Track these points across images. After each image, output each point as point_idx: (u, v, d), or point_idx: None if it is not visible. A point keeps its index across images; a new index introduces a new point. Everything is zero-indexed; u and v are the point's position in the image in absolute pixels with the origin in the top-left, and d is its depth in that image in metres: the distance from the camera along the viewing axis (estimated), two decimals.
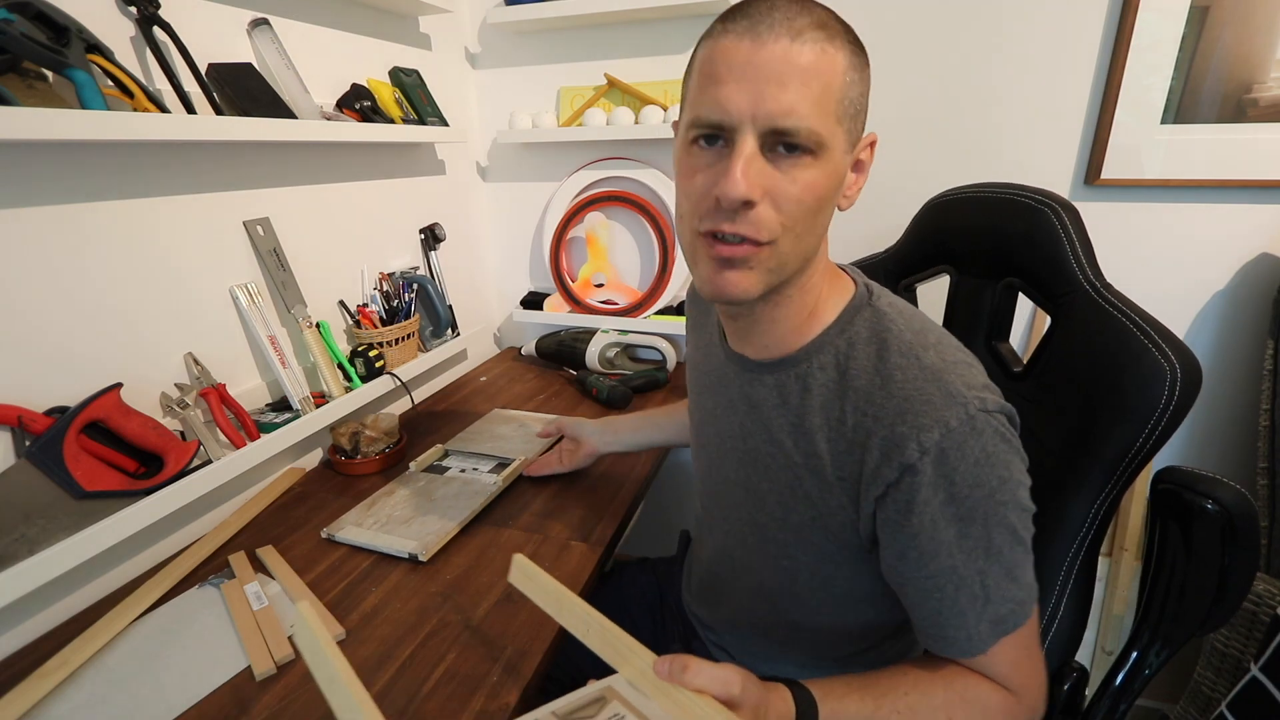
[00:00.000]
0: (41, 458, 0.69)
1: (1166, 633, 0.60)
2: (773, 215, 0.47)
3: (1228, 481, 0.56)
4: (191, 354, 0.90)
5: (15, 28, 0.63)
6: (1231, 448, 1.20)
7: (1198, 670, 1.15)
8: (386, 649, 0.69)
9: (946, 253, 0.85)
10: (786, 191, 0.47)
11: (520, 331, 1.68)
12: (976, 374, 0.51)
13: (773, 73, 0.44)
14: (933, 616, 0.52)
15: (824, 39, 0.45)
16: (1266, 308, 1.11)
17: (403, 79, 1.23)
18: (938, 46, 1.18)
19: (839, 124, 0.47)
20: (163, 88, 0.82)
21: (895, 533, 0.50)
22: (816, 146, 0.46)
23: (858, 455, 0.51)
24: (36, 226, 0.72)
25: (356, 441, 1.04)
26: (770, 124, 0.45)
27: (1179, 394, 0.55)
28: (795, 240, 0.49)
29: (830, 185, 0.48)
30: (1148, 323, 0.60)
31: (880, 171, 1.10)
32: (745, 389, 0.60)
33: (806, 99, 0.44)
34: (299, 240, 1.06)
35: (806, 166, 0.47)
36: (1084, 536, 0.63)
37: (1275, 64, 1.02)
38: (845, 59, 0.47)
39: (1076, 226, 0.69)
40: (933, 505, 0.48)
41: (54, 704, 0.63)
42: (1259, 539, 0.54)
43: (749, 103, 0.45)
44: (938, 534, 0.48)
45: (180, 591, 0.78)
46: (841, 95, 0.47)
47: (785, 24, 0.44)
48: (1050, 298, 0.70)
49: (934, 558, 0.49)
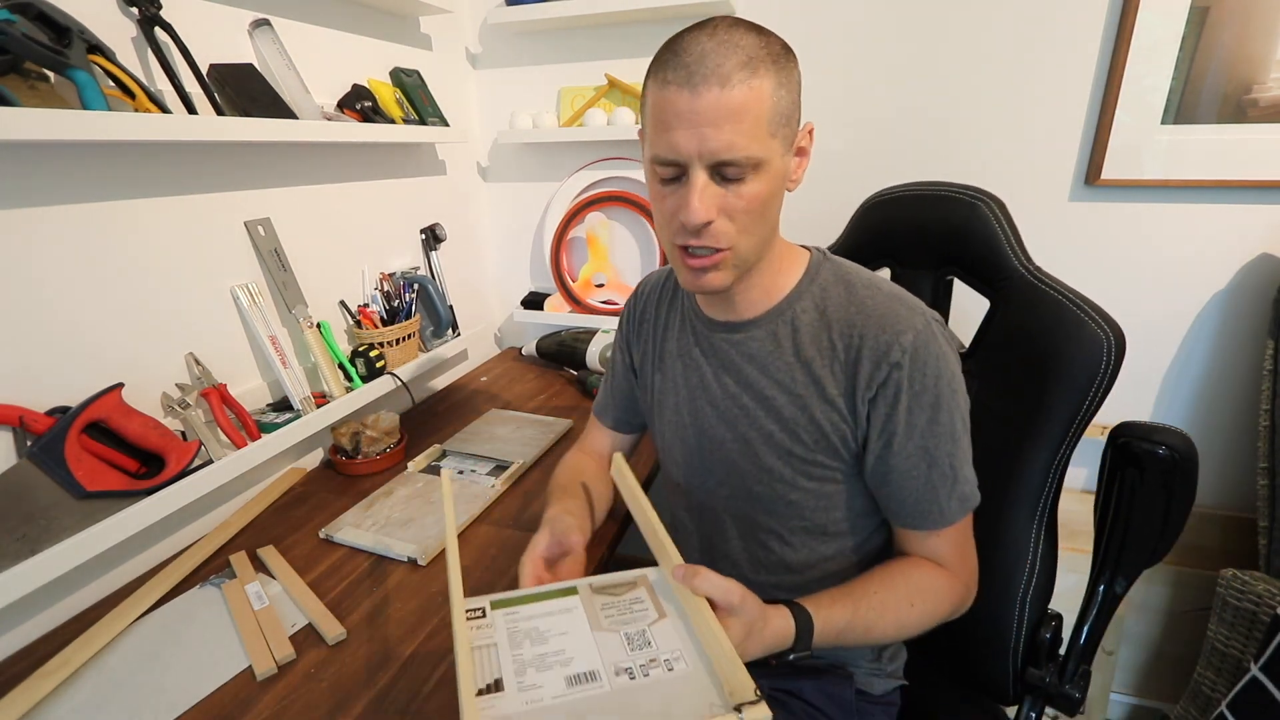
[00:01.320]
0: (43, 458, 0.69)
1: (1124, 565, 0.70)
2: (728, 226, 0.58)
3: (1174, 428, 0.65)
4: (192, 354, 0.90)
5: (17, 28, 0.63)
6: (1231, 448, 1.21)
7: (1198, 670, 1.15)
8: (387, 649, 0.69)
9: (887, 248, 0.89)
10: (735, 205, 0.57)
11: (521, 331, 1.68)
12: (915, 297, 0.65)
13: (709, 118, 0.53)
14: (912, 499, 0.63)
15: (748, 76, 0.52)
16: (1266, 308, 1.11)
17: (403, 79, 1.23)
18: (938, 47, 1.18)
19: (773, 137, 0.55)
20: (164, 88, 0.82)
21: (883, 425, 0.61)
22: (756, 166, 0.55)
23: (852, 370, 0.62)
24: (37, 227, 0.72)
25: (357, 441, 1.04)
26: (714, 159, 0.54)
27: (1113, 357, 0.64)
28: (750, 238, 0.59)
29: (773, 187, 0.58)
30: (1081, 299, 0.68)
31: (880, 171, 1.10)
32: (738, 348, 0.69)
33: (741, 133, 0.53)
34: (300, 240, 1.06)
35: (750, 182, 0.56)
36: (1046, 494, 0.71)
37: (1275, 64, 1.02)
38: (770, 84, 0.54)
39: (1007, 217, 0.77)
40: (910, 395, 0.60)
41: (55, 704, 0.63)
42: (1197, 475, 0.64)
43: (695, 145, 0.54)
44: (914, 419, 0.60)
45: (181, 591, 0.79)
46: (772, 115, 0.54)
47: (715, 73, 0.52)
48: (989, 283, 0.78)
49: (910, 439, 0.61)
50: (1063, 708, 0.73)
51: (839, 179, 1.28)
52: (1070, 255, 1.20)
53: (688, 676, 0.48)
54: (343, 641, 0.71)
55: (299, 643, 0.70)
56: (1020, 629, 0.73)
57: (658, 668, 0.49)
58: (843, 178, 1.28)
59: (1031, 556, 0.71)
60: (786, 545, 0.70)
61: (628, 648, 0.51)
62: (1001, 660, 0.74)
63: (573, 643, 0.51)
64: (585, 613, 0.54)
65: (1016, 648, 0.73)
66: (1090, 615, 0.72)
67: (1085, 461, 1.31)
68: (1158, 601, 1.27)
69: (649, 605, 0.55)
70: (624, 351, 0.84)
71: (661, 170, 0.58)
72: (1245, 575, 1.07)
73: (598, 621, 0.53)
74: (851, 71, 1.25)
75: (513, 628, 0.53)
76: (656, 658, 0.50)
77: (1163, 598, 1.27)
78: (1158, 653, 1.30)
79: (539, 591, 0.57)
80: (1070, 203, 1.19)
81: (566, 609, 0.55)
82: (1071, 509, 1.17)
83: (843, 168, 1.29)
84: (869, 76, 1.24)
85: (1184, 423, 1.25)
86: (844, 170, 1.29)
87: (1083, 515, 1.25)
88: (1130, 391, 1.24)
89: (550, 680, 0.48)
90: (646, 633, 0.52)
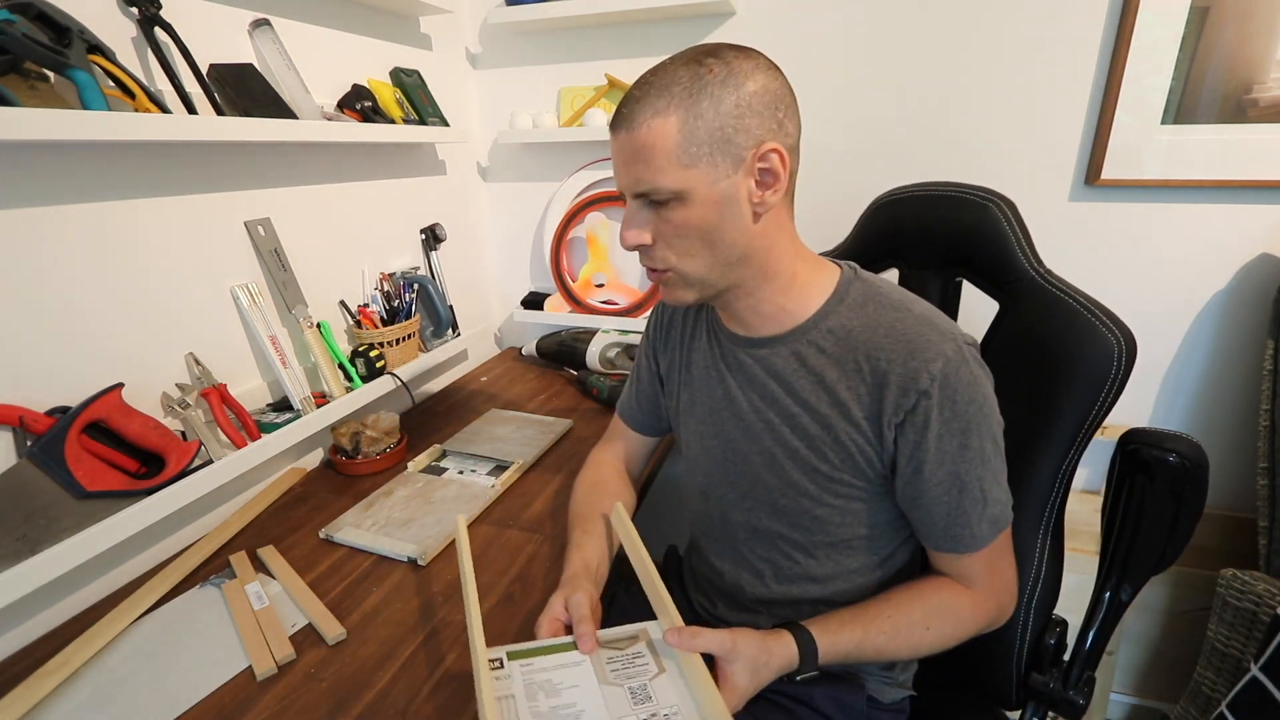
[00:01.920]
0: (43, 458, 0.69)
1: (1130, 572, 0.70)
2: (665, 251, 0.62)
3: (1184, 435, 0.64)
4: (192, 354, 0.90)
5: (17, 28, 0.63)
6: (1231, 448, 1.21)
7: (1198, 670, 1.15)
8: (388, 649, 0.69)
9: (895, 249, 0.88)
10: (666, 230, 0.61)
11: (521, 331, 1.68)
12: (948, 318, 0.65)
13: (625, 156, 0.60)
14: (942, 522, 0.62)
15: (651, 116, 0.57)
16: (1266, 308, 1.11)
17: (403, 79, 1.23)
18: (939, 47, 1.18)
19: (688, 168, 0.57)
20: (164, 88, 0.82)
21: (912, 452, 0.60)
22: (675, 195, 0.58)
23: (878, 394, 0.61)
24: (37, 227, 0.72)
25: (357, 441, 1.04)
26: (634, 190, 0.60)
27: (1125, 363, 0.64)
28: (694, 261, 0.62)
29: (708, 214, 0.59)
30: (1093, 304, 0.67)
31: (882, 171, 1.10)
32: (762, 364, 0.69)
33: (649, 168, 0.58)
34: (300, 240, 1.06)
35: (674, 209, 0.59)
36: (1054, 499, 0.70)
37: (1275, 64, 1.02)
38: (678, 120, 0.56)
39: (1017, 219, 0.76)
40: (940, 422, 0.59)
41: (55, 703, 0.63)
42: (1207, 483, 0.64)
43: (621, 179, 0.61)
44: (944, 446, 0.59)
45: (181, 591, 0.79)
46: (684, 147, 0.56)
47: (628, 118, 0.58)
48: (999, 286, 0.77)
49: (941, 466, 0.60)
50: (1067, 713, 0.73)
51: (841, 179, 1.28)
52: (1070, 255, 1.20)
53: None
54: (343, 641, 0.71)
55: (299, 643, 0.70)
56: (1025, 634, 0.72)
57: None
58: (844, 177, 1.29)
59: (1037, 563, 0.71)
60: (810, 558, 0.70)
61: (631, 702, 0.55)
62: (1006, 665, 0.74)
63: (582, 696, 0.55)
64: (592, 667, 0.58)
65: (1021, 653, 0.73)
66: (1095, 621, 0.72)
67: (1087, 462, 1.30)
68: (1158, 601, 1.27)
69: (649, 660, 0.59)
70: (650, 359, 0.85)
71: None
72: (1245, 575, 1.07)
73: (604, 675, 0.57)
74: (852, 71, 1.25)
75: (528, 679, 0.56)
76: (657, 712, 0.54)
77: (1163, 598, 1.27)
78: (1158, 653, 1.30)
79: (550, 644, 0.60)
80: (1070, 203, 1.19)
81: (576, 662, 0.58)
82: (1072, 508, 1.17)
83: (844, 167, 1.29)
84: (869, 76, 1.24)
85: (1184, 422, 1.25)
86: (846, 170, 1.29)
87: (1083, 515, 1.25)
88: (1130, 391, 1.21)
89: None
90: (648, 687, 0.56)
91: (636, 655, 0.59)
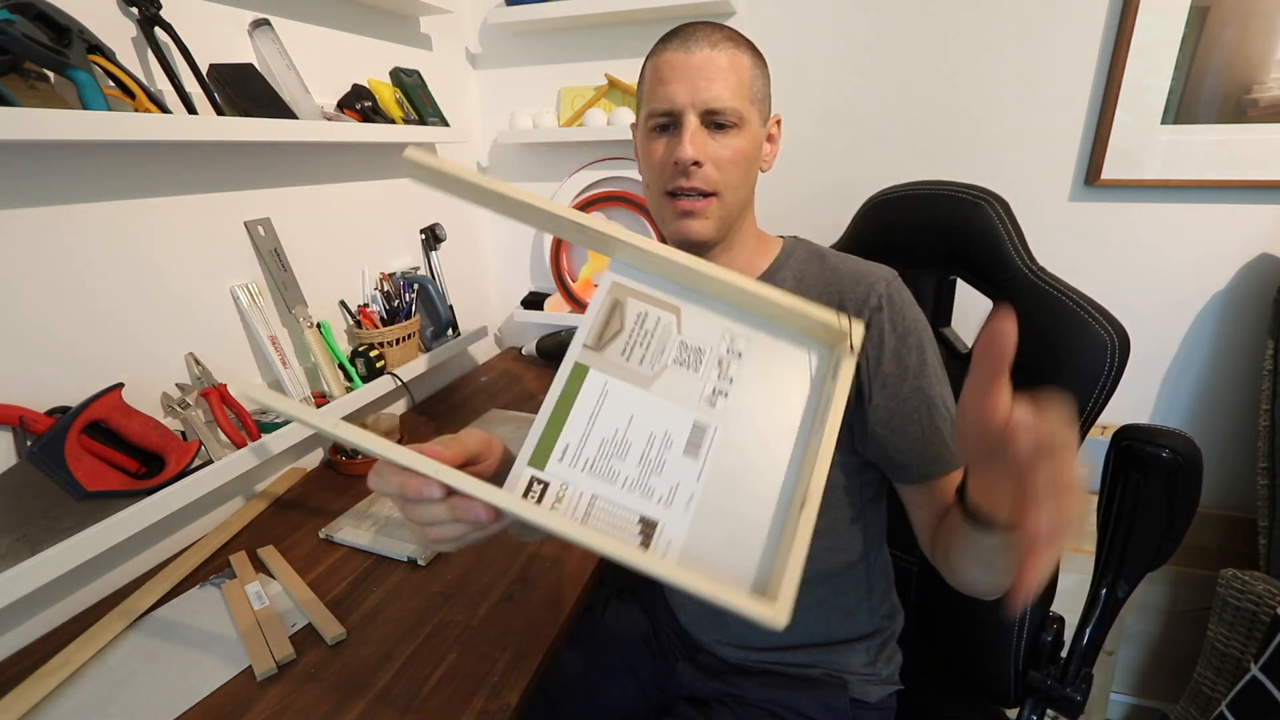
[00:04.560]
0: (43, 458, 0.69)
1: (1126, 569, 0.70)
2: (714, 173, 0.64)
3: (1178, 431, 0.64)
4: (192, 354, 0.90)
5: (17, 28, 0.63)
6: (1231, 448, 1.21)
7: (1198, 670, 1.15)
8: (388, 649, 0.69)
9: (889, 247, 0.88)
10: (721, 155, 0.63)
11: (521, 331, 1.68)
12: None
13: (701, 72, 0.62)
14: (919, 444, 0.62)
15: (733, 47, 0.63)
16: (1266, 308, 1.11)
17: (403, 79, 1.23)
18: (939, 47, 1.18)
19: (752, 105, 0.64)
20: (164, 88, 0.82)
21: (875, 370, 0.63)
22: (739, 121, 0.63)
23: None
24: (37, 226, 0.72)
25: None
26: (704, 107, 0.62)
27: (1118, 358, 0.65)
28: (733, 192, 0.65)
29: (752, 150, 0.65)
30: (1085, 300, 0.68)
31: (880, 171, 1.10)
32: None
33: (727, 87, 0.62)
34: (300, 240, 1.06)
35: (733, 136, 0.64)
36: None
37: (1275, 64, 1.02)
38: (749, 60, 0.65)
39: (1010, 217, 0.78)
40: (895, 336, 0.62)
41: (56, 703, 0.63)
42: (1201, 479, 0.64)
43: (688, 94, 0.62)
44: (904, 360, 0.62)
45: (181, 591, 0.79)
46: (750, 84, 0.64)
47: (705, 39, 0.63)
48: (992, 283, 0.78)
49: (904, 380, 0.62)
50: (1064, 710, 0.73)
51: (839, 177, 1.28)
52: (1070, 256, 1.20)
53: (769, 346, 0.42)
54: (343, 641, 0.71)
55: (299, 643, 0.70)
56: (1022, 632, 0.73)
57: (731, 356, 0.42)
58: (843, 176, 1.29)
59: None
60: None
61: (688, 370, 0.41)
62: (1003, 663, 0.74)
63: (651, 420, 0.40)
64: (617, 379, 0.42)
65: (1019, 650, 0.73)
66: (1092, 618, 0.72)
67: (1084, 461, 1.31)
68: (1158, 601, 1.27)
69: (655, 310, 0.43)
70: None
71: (657, 121, 0.65)
72: (1245, 575, 1.07)
73: (639, 377, 0.42)
74: (852, 70, 1.25)
75: (580, 462, 0.40)
76: (715, 348, 0.42)
77: (1163, 598, 1.27)
78: (1158, 653, 1.30)
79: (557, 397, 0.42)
80: (1070, 203, 1.19)
81: (602, 392, 0.41)
82: None
83: (843, 166, 1.29)
84: (869, 75, 1.24)
85: (1184, 423, 1.25)
86: (844, 169, 1.29)
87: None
88: (1130, 392, 1.24)
89: (678, 462, 0.39)
90: (686, 344, 0.43)
91: (640, 317, 0.43)
